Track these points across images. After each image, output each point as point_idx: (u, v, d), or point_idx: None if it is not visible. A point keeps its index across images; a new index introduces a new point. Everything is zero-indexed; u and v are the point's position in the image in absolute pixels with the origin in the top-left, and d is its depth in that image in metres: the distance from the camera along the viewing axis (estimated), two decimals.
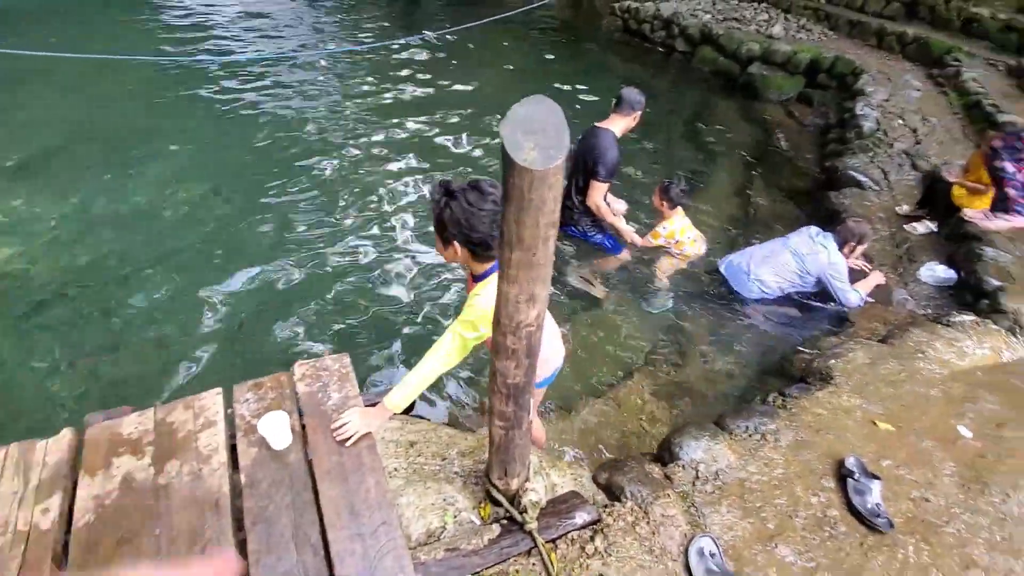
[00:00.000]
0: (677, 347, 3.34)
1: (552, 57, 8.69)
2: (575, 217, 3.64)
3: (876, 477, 2.09)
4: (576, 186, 3.51)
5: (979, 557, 1.92)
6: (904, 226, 4.23)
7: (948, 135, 5.14)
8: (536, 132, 1.10)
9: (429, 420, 2.28)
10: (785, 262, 3.42)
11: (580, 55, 9.08)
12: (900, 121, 5.29)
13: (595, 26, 10.16)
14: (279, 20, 9.17)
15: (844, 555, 1.87)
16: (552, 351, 1.99)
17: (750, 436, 2.27)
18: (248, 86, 6.43)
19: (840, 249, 3.32)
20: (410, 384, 1.68)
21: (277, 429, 1.69)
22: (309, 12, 9.83)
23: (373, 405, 1.79)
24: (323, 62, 7.46)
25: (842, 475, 2.12)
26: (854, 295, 3.36)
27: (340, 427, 1.70)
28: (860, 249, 3.42)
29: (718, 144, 6.06)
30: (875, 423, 2.41)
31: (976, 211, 3.83)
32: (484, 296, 1.59)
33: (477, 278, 1.70)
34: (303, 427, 1.77)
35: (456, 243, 1.60)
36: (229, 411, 1.87)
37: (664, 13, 8.72)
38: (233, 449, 1.74)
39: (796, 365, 2.96)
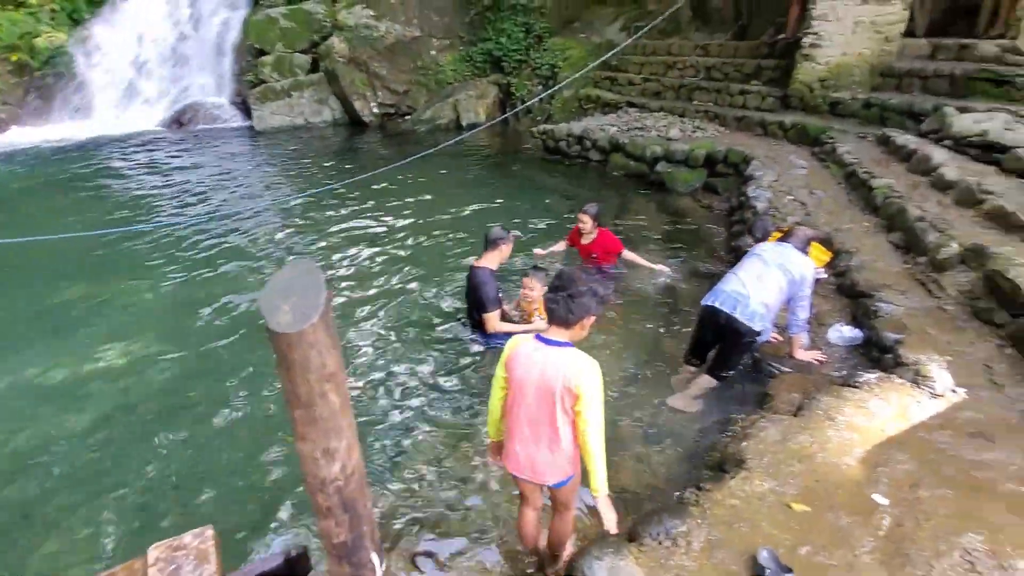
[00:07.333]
0: (609, 451, 3.23)
1: (486, 178, 9.41)
2: (479, 330, 4.11)
3: (789, 570, 1.97)
4: (474, 312, 4.05)
5: None
6: None
7: (835, 203, 5.58)
8: (292, 295, 1.16)
9: None
10: (776, 278, 3.30)
11: (510, 175, 9.83)
12: (790, 197, 5.75)
13: (518, 149, 11.11)
14: (224, 181, 9.69)
15: None
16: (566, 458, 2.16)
17: (660, 543, 2.15)
18: (189, 248, 6.63)
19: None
20: (602, 466, 2.06)
21: None
22: (253, 173, 10.43)
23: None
24: (268, 214, 7.81)
25: (756, 573, 1.99)
26: (806, 315, 3.45)
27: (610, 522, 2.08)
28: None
29: (638, 236, 6.42)
30: (790, 505, 2.32)
31: None
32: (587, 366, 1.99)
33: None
34: None
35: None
36: None
37: (576, 131, 9.63)
38: None
39: (717, 451, 2.90)
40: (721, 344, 3.44)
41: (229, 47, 14.17)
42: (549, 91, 11.85)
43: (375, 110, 13.97)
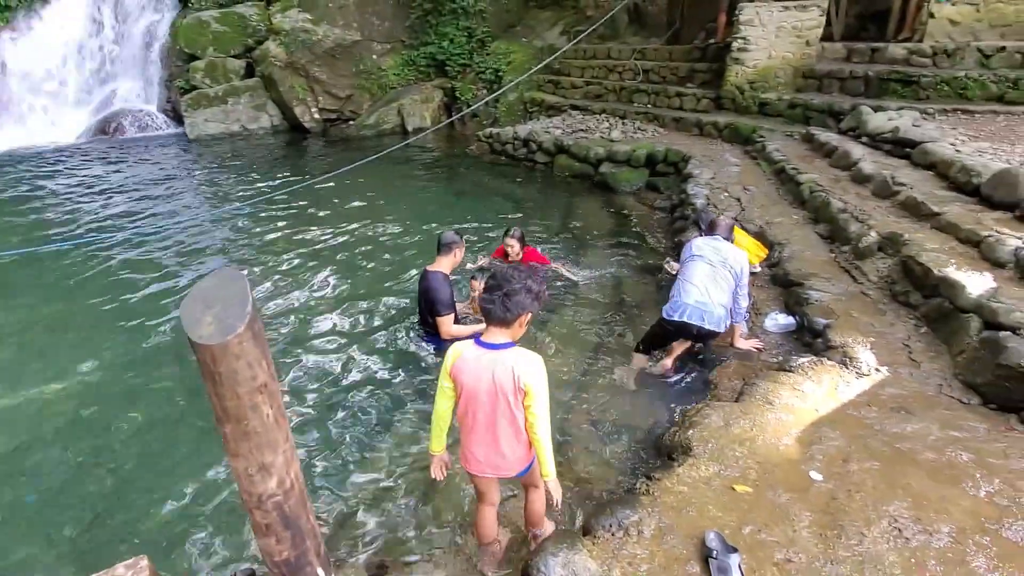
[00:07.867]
0: (559, 444, 3.26)
1: (433, 183, 9.32)
2: (431, 335, 4.05)
3: (734, 550, 2.05)
4: (427, 317, 3.94)
5: None
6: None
7: (767, 198, 5.88)
8: (215, 304, 1.10)
9: None
10: (725, 277, 3.48)
11: (457, 177, 9.81)
12: (726, 193, 6.01)
13: (465, 153, 11.10)
14: (155, 193, 9.15)
15: None
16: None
17: (613, 535, 2.19)
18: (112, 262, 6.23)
19: None
20: (549, 453, 2.09)
21: None
22: (186, 183, 9.90)
23: None
24: (211, 222, 7.41)
25: (705, 555, 2.06)
26: (747, 303, 3.70)
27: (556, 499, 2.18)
28: None
29: (585, 235, 6.53)
30: (733, 488, 2.42)
31: None
32: (533, 362, 2.01)
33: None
34: None
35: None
36: None
37: (521, 134, 9.72)
38: None
39: (666, 441, 2.98)
40: (696, 341, 3.73)
41: (156, 52, 13.48)
42: (494, 95, 11.89)
43: (316, 116, 13.61)
